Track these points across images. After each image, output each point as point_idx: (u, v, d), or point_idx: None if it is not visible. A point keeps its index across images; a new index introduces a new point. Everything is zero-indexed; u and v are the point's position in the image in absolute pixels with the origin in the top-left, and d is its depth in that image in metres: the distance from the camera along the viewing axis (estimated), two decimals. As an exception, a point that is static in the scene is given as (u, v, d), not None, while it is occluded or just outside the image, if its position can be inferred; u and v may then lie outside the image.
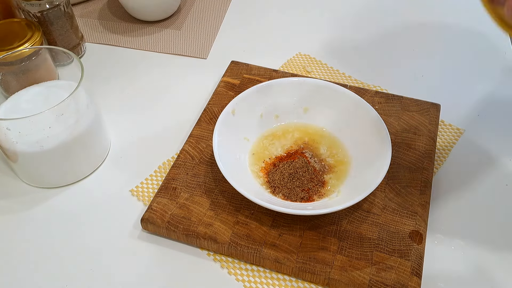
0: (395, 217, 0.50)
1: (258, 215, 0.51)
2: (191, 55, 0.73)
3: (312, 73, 0.70)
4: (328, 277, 0.46)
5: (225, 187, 0.53)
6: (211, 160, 0.56)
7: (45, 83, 0.58)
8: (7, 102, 0.55)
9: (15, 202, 0.55)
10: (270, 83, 0.58)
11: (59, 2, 0.65)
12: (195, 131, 0.59)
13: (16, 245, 0.51)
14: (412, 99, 0.62)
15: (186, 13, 0.81)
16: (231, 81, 0.65)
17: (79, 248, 0.51)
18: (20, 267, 0.50)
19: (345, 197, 0.50)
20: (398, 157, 0.56)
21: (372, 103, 0.61)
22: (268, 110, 0.59)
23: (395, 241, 0.48)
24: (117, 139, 0.61)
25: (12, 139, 0.50)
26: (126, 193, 0.56)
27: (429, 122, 0.59)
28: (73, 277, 0.49)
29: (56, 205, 0.55)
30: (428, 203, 0.52)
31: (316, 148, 0.56)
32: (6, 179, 0.57)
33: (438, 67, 0.70)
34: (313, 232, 0.49)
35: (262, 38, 0.76)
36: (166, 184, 0.53)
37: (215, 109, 0.61)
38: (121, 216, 0.53)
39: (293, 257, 0.47)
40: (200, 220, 0.50)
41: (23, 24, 0.61)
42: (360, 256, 0.47)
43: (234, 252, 0.49)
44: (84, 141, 0.54)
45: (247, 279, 0.48)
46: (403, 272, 0.46)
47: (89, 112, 0.54)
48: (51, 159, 0.53)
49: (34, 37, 0.60)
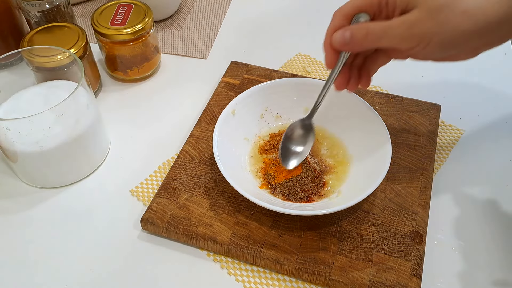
0: (395, 218, 0.50)
1: (258, 215, 0.51)
2: (191, 55, 0.73)
3: (312, 74, 0.70)
4: (328, 278, 0.46)
5: (225, 187, 0.53)
6: (211, 161, 0.56)
7: (45, 83, 0.58)
8: (7, 102, 0.55)
9: (15, 202, 0.55)
10: (270, 84, 0.58)
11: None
12: (195, 132, 0.59)
13: (16, 245, 0.51)
14: (412, 100, 0.62)
15: (186, 13, 0.81)
16: (231, 81, 0.65)
17: (79, 248, 0.51)
18: (20, 267, 0.50)
19: (345, 198, 0.50)
20: (398, 157, 0.56)
21: (372, 104, 0.61)
22: (268, 111, 0.59)
23: (395, 242, 0.48)
24: (117, 139, 0.61)
25: (12, 139, 0.50)
26: (126, 193, 0.56)
27: (429, 123, 0.59)
28: (73, 277, 0.49)
29: (56, 205, 0.55)
30: (428, 203, 0.52)
31: (316, 148, 0.56)
32: (6, 179, 0.57)
33: (438, 67, 0.70)
34: (313, 232, 0.49)
35: (262, 38, 0.76)
36: (166, 184, 0.53)
37: (215, 109, 0.61)
38: (121, 216, 0.53)
39: (293, 258, 0.47)
40: (200, 220, 0.50)
41: (73, 29, 0.62)
42: (360, 257, 0.47)
43: (234, 252, 0.48)
44: (84, 141, 0.54)
45: (247, 279, 0.48)
46: (403, 273, 0.46)
47: (89, 112, 0.54)
48: (51, 159, 0.53)
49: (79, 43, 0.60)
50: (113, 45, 0.63)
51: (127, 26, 0.62)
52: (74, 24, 0.63)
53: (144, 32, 0.64)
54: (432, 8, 0.39)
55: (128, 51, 0.64)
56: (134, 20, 0.63)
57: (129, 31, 0.62)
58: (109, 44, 0.64)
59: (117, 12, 0.65)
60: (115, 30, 0.62)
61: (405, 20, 0.40)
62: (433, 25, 0.39)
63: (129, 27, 0.62)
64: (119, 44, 0.63)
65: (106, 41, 0.63)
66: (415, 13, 0.40)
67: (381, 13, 0.44)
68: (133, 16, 0.64)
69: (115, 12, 0.65)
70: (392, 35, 0.41)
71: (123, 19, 0.63)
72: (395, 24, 0.41)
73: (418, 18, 0.40)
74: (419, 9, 0.40)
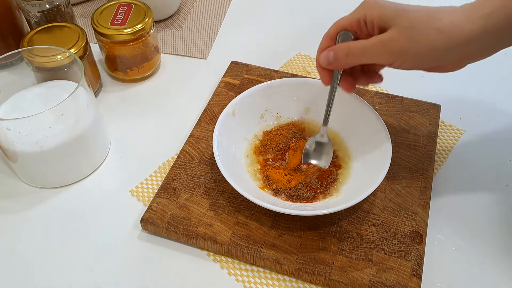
0: (395, 218, 0.50)
1: (258, 215, 0.51)
2: (191, 55, 0.73)
3: (312, 74, 0.70)
4: (328, 278, 0.46)
5: (225, 187, 0.53)
6: (211, 161, 0.56)
7: (45, 83, 0.58)
8: (7, 102, 0.55)
9: (15, 202, 0.55)
10: (271, 84, 0.58)
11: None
12: (195, 131, 0.59)
13: (16, 245, 0.51)
14: (412, 100, 0.62)
15: (186, 13, 0.81)
16: (231, 81, 0.65)
17: (79, 248, 0.51)
18: (20, 267, 0.50)
19: (345, 198, 0.50)
20: (398, 157, 0.56)
21: (373, 104, 0.61)
22: (268, 111, 0.59)
23: (395, 242, 0.48)
24: (117, 139, 0.61)
25: (12, 139, 0.50)
26: (126, 193, 0.56)
27: (429, 123, 0.59)
28: (73, 277, 0.49)
29: (56, 205, 0.55)
30: (428, 203, 0.52)
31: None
32: (6, 179, 0.57)
33: (438, 67, 0.70)
34: (313, 232, 0.49)
35: (262, 39, 0.76)
36: (166, 184, 0.53)
37: (215, 110, 0.61)
38: (121, 216, 0.53)
39: (293, 258, 0.47)
40: (200, 220, 0.50)
41: (73, 29, 0.62)
42: (360, 257, 0.47)
43: (234, 252, 0.48)
44: (84, 141, 0.54)
45: (247, 279, 0.48)
46: (403, 273, 0.46)
47: (89, 112, 0.54)
48: (51, 159, 0.53)
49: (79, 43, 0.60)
50: (113, 45, 0.63)
51: (127, 26, 0.62)
52: (74, 24, 0.63)
53: (144, 32, 0.64)
54: (406, 26, 0.42)
55: (128, 51, 0.64)
56: (134, 20, 0.63)
57: (129, 31, 0.62)
58: (109, 44, 0.64)
59: (117, 12, 0.65)
60: (115, 30, 0.62)
61: (380, 39, 0.43)
62: (407, 43, 0.42)
63: (129, 27, 0.62)
64: (119, 44, 0.63)
65: (106, 41, 0.63)
66: (390, 32, 0.43)
67: (362, 32, 0.47)
68: (133, 16, 0.64)
69: (115, 12, 0.65)
70: (369, 53, 0.44)
71: (123, 19, 0.63)
72: (371, 43, 0.44)
73: (391, 37, 0.43)
74: (394, 28, 0.43)
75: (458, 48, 0.41)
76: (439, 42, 0.41)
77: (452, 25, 0.41)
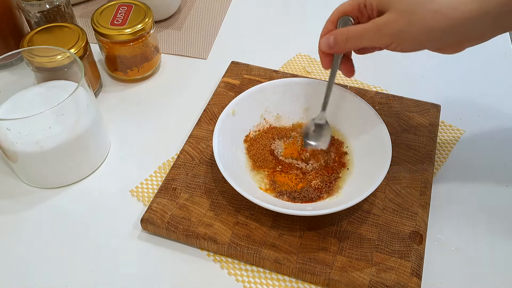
0: (395, 218, 0.50)
1: (258, 215, 0.51)
2: (191, 56, 0.73)
3: (312, 74, 0.70)
4: (328, 278, 0.46)
5: (225, 187, 0.53)
6: (211, 161, 0.56)
7: (45, 83, 0.58)
8: (7, 102, 0.55)
9: (15, 202, 0.55)
10: (270, 84, 0.58)
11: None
12: (195, 132, 0.59)
13: (16, 245, 0.51)
14: (412, 100, 0.62)
15: (186, 13, 0.81)
16: (231, 82, 0.65)
17: (79, 248, 0.51)
18: (20, 267, 0.50)
19: (345, 198, 0.50)
20: (398, 157, 0.56)
21: (373, 104, 0.61)
22: (268, 111, 0.59)
23: (395, 242, 0.48)
24: (117, 139, 0.61)
25: (12, 139, 0.50)
26: (126, 193, 0.56)
27: (429, 123, 0.59)
28: (73, 277, 0.49)
29: (56, 205, 0.55)
30: (428, 203, 0.52)
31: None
32: (6, 179, 0.57)
33: (438, 67, 0.70)
34: (313, 232, 0.49)
35: (262, 39, 0.76)
36: (166, 184, 0.53)
37: (215, 110, 0.61)
38: (121, 216, 0.53)
39: (293, 258, 0.47)
40: (200, 220, 0.50)
41: (73, 29, 0.62)
42: (360, 257, 0.47)
43: (234, 252, 0.48)
44: (84, 141, 0.54)
45: (247, 279, 0.48)
46: (403, 273, 0.46)
47: (89, 112, 0.54)
48: (51, 159, 0.53)
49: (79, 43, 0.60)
50: (113, 45, 0.63)
51: (127, 26, 0.62)
52: (74, 24, 0.63)
53: (144, 32, 0.64)
54: (403, 9, 0.43)
55: (128, 51, 0.64)
56: (134, 20, 0.63)
57: (129, 31, 0.62)
58: (109, 44, 0.64)
59: (117, 12, 0.65)
60: (115, 30, 0.62)
61: (377, 23, 0.44)
62: (404, 25, 0.43)
63: (129, 27, 0.62)
64: (119, 44, 0.63)
65: (106, 41, 0.63)
66: (386, 15, 0.44)
67: (363, 15, 0.48)
68: (133, 16, 0.64)
69: (115, 12, 0.65)
70: (367, 37, 0.45)
71: (123, 19, 0.63)
72: (368, 27, 0.45)
73: (388, 20, 0.43)
74: (390, 11, 0.43)
75: (455, 30, 0.42)
76: (435, 23, 0.42)
77: (449, 6, 0.41)
